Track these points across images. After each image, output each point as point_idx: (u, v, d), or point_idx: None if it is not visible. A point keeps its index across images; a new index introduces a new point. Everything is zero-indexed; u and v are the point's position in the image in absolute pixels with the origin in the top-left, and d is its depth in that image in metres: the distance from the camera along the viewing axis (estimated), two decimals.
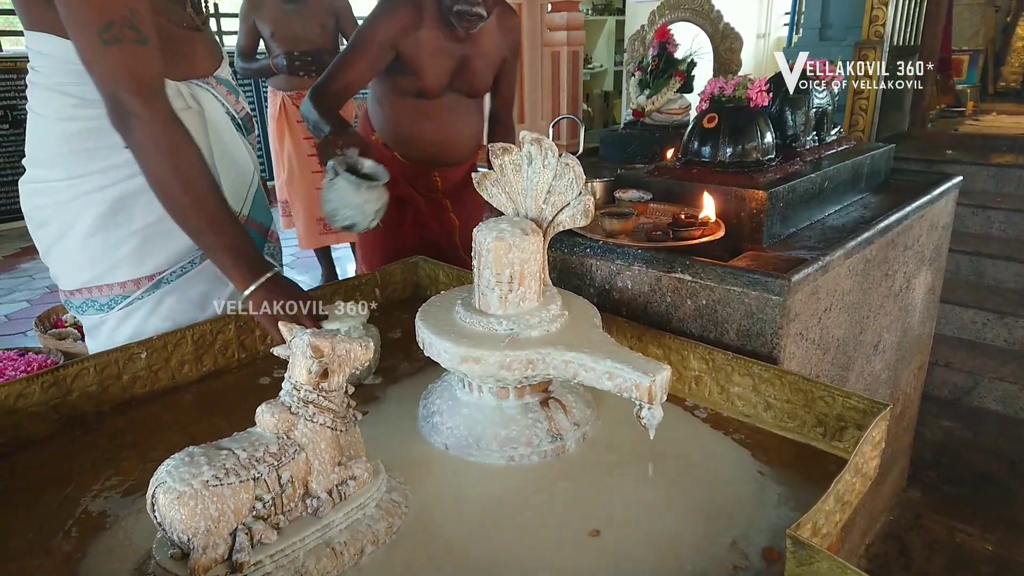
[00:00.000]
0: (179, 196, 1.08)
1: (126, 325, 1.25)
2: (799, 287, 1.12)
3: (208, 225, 1.09)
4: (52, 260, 1.25)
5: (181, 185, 1.07)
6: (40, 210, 1.22)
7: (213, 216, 1.09)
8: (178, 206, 1.09)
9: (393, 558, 0.80)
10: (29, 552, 0.80)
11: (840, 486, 0.80)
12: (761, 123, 1.42)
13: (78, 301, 1.25)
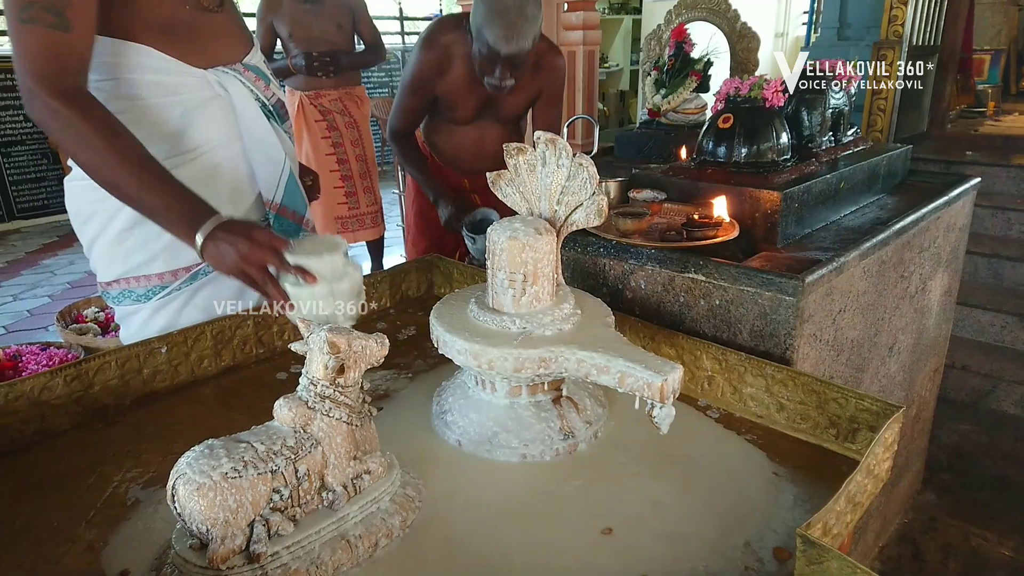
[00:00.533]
0: (93, 170, 1.08)
1: (160, 316, 1.28)
2: (813, 288, 1.12)
3: (136, 192, 1.07)
4: (94, 253, 1.28)
5: (91, 160, 1.07)
6: (83, 206, 1.25)
7: (137, 183, 1.06)
8: (97, 178, 1.08)
9: (406, 552, 0.81)
10: (53, 539, 0.82)
11: (851, 487, 0.80)
12: (777, 123, 1.42)
13: (115, 291, 1.28)
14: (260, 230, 1.04)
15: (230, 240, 1.02)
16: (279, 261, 1.01)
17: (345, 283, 1.02)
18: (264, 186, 1.35)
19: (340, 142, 3.32)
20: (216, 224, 1.05)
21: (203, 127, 1.25)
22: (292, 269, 1.00)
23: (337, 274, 1.02)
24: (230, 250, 1.02)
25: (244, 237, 1.02)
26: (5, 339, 3.59)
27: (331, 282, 1.01)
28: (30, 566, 0.78)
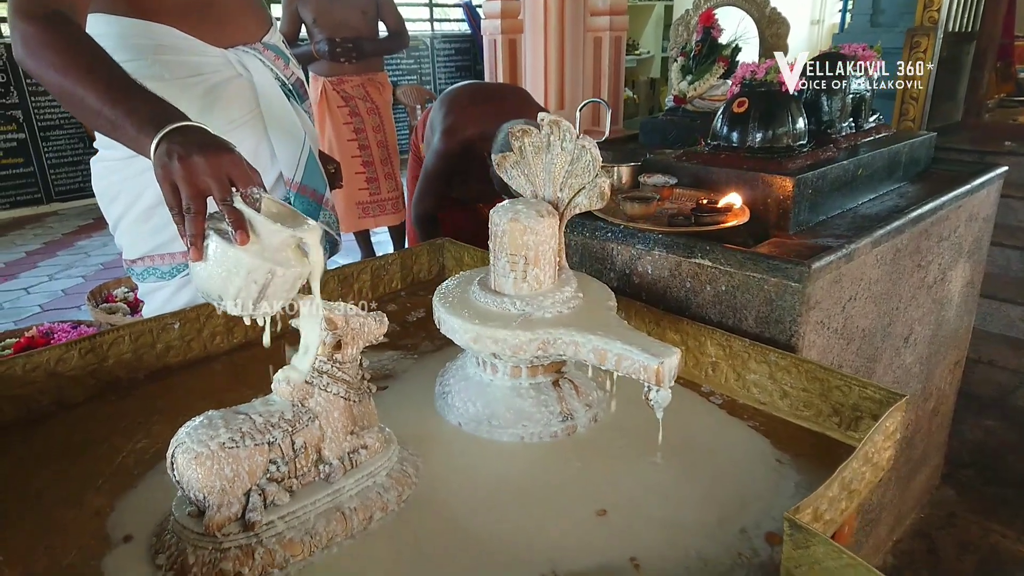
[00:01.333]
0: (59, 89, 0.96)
1: (184, 293, 1.32)
2: (820, 274, 1.11)
3: (100, 104, 0.92)
4: (119, 231, 1.32)
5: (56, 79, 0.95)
6: (109, 186, 1.29)
7: (101, 94, 0.92)
8: (64, 97, 0.97)
9: (401, 526, 0.83)
10: (64, 504, 0.86)
11: (846, 474, 0.79)
12: (793, 108, 1.40)
13: (140, 268, 1.32)
14: (228, 151, 0.82)
15: (184, 145, 0.81)
16: (221, 193, 0.78)
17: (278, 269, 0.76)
18: (284, 164, 1.37)
19: (362, 128, 3.35)
20: (179, 127, 0.86)
21: (225, 106, 1.28)
22: (233, 212, 0.77)
23: (275, 254, 0.77)
24: (177, 154, 0.80)
25: (202, 148, 0.81)
26: (40, 317, 3.71)
27: (260, 258, 0.75)
28: (43, 529, 0.82)
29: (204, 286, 0.78)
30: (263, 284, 0.75)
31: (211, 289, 0.77)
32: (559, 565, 0.77)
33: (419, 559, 0.78)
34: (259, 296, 0.76)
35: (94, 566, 0.76)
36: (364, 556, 0.78)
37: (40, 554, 0.78)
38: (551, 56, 4.24)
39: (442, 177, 2.05)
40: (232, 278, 0.75)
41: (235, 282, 0.75)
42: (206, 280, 0.77)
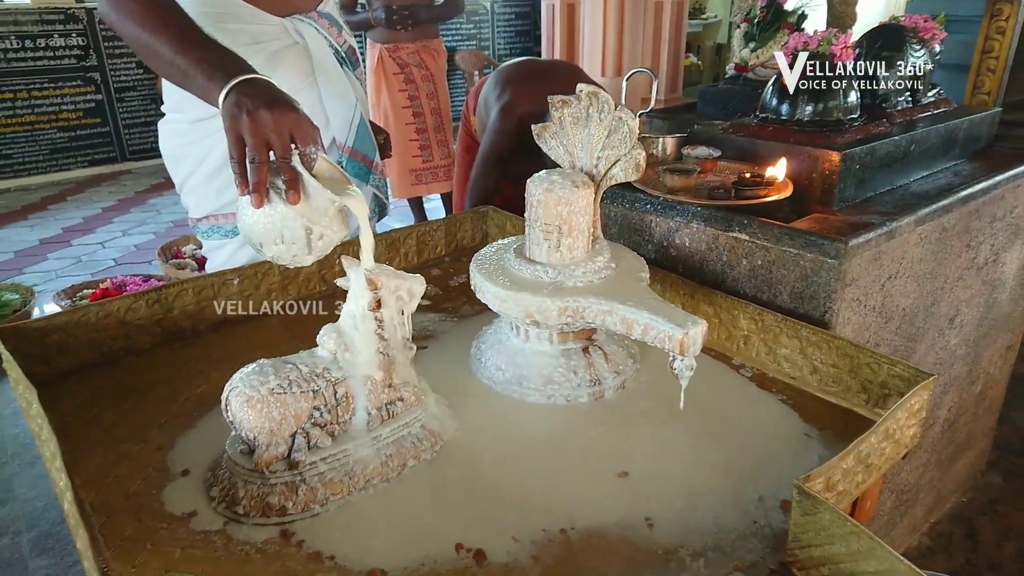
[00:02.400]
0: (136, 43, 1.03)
1: (244, 250, 1.40)
2: (857, 251, 1.10)
3: (173, 55, 0.98)
4: (185, 191, 1.41)
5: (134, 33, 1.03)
6: (176, 148, 1.38)
7: (174, 46, 0.99)
8: (140, 51, 1.04)
9: (432, 474, 0.89)
10: (131, 439, 0.95)
11: (863, 447, 0.81)
12: (845, 81, 1.37)
13: (204, 227, 1.41)
14: (293, 109, 0.87)
15: (253, 98, 0.86)
16: (283, 151, 0.84)
17: (315, 228, 0.84)
18: (337, 130, 1.43)
19: (416, 95, 3.39)
20: (249, 79, 0.90)
21: (284, 74, 1.34)
22: (290, 171, 0.83)
23: (323, 216, 0.85)
24: (246, 107, 0.85)
25: (269, 103, 0.85)
26: (114, 270, 3.94)
27: (306, 218, 0.83)
28: (112, 460, 0.91)
29: (248, 231, 0.87)
30: (302, 240, 0.84)
31: (253, 235, 0.86)
32: (577, 520, 0.81)
33: (447, 504, 0.84)
34: (296, 250, 0.85)
35: (155, 495, 0.85)
36: (397, 499, 0.85)
37: (110, 481, 0.87)
38: (610, 21, 4.17)
39: (500, 158, 2.05)
40: (275, 230, 0.84)
41: (277, 234, 0.84)
42: (251, 226, 0.85)
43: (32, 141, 5.69)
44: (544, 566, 0.75)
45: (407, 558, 0.75)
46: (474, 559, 0.75)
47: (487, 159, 2.06)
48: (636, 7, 4.31)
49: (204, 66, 0.95)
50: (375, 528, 0.80)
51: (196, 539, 0.78)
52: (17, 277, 3.81)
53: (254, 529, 0.80)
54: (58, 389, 1.05)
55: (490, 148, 2.06)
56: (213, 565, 0.75)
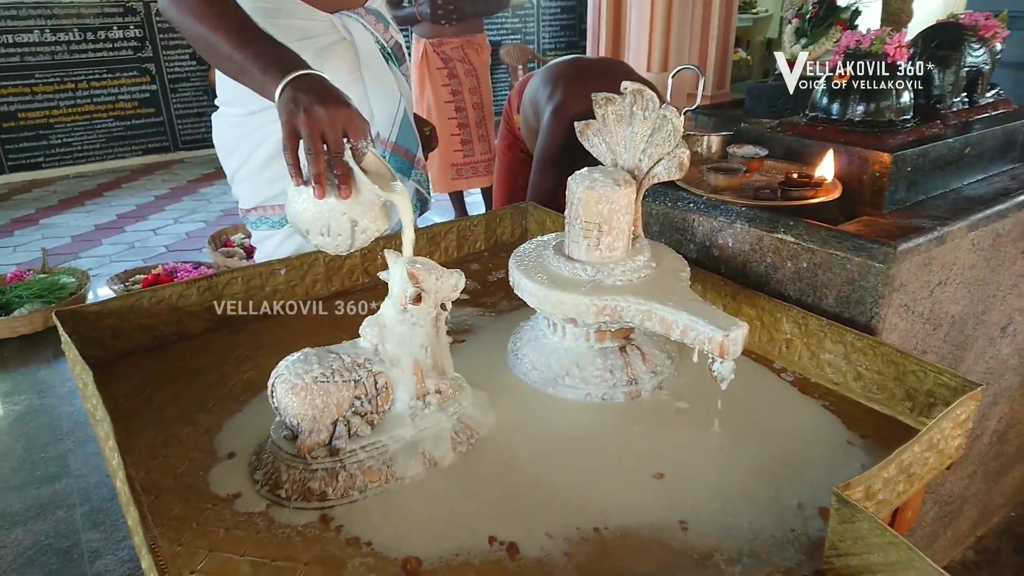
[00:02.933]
0: (195, 38, 1.07)
1: (291, 241, 1.44)
2: (906, 256, 1.08)
3: (231, 50, 1.03)
4: (236, 182, 1.46)
5: (195, 29, 1.07)
6: (228, 140, 1.42)
7: (232, 40, 1.03)
8: (199, 45, 1.08)
9: (467, 466, 0.90)
10: (180, 421, 0.99)
11: (905, 456, 0.79)
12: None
13: (254, 217, 1.45)
14: (346, 105, 0.91)
15: (308, 93, 0.90)
16: (336, 146, 0.88)
17: (360, 221, 0.89)
18: (381, 124, 1.45)
19: (459, 90, 3.41)
20: (304, 75, 0.95)
21: (331, 70, 1.36)
22: (343, 166, 0.87)
23: (368, 211, 0.89)
24: (303, 102, 0.89)
25: (324, 99, 0.90)
26: (165, 256, 4.06)
27: (352, 211, 0.87)
28: (161, 441, 0.95)
29: (295, 220, 0.91)
30: (347, 232, 0.90)
31: (300, 224, 0.91)
32: (611, 519, 0.81)
33: (480, 497, 0.85)
34: (340, 240, 0.91)
35: (202, 476, 0.88)
36: (432, 490, 0.86)
37: (158, 462, 0.91)
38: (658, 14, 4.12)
39: (555, 160, 2.02)
40: (322, 220, 0.88)
41: (324, 224, 0.89)
42: (300, 213, 0.90)
43: (90, 130, 5.90)
44: (576, 563, 0.75)
45: (441, 548, 0.77)
46: (507, 552, 0.76)
47: (542, 162, 2.04)
48: (684, 1, 4.25)
49: (261, 61, 0.99)
50: (411, 517, 0.82)
51: (240, 520, 0.81)
52: (73, 261, 3.96)
53: (295, 513, 0.82)
54: (112, 371, 1.10)
55: (544, 151, 2.03)
56: (255, 546, 0.77)
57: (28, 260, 3.95)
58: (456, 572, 0.74)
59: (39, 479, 2.16)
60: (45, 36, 5.56)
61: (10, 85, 5.52)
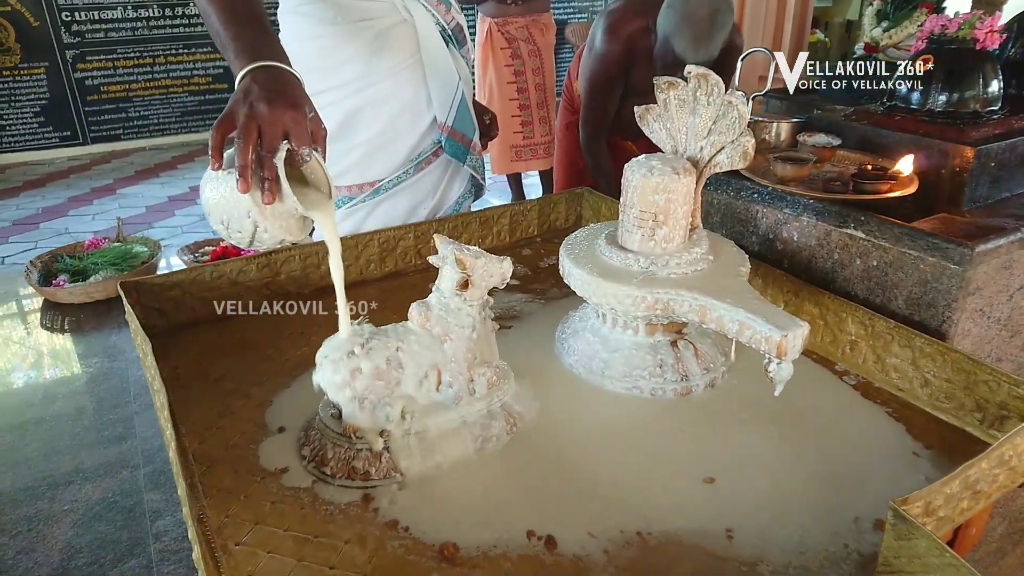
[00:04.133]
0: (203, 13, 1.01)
1: (347, 223, 1.46)
2: (984, 258, 1.01)
3: (219, 25, 0.97)
4: None
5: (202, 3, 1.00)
6: None
7: (223, 15, 0.97)
8: (203, 13, 1.01)
9: (509, 454, 0.90)
10: (235, 393, 1.01)
11: (972, 472, 0.75)
12: (987, 69, 1.25)
13: None
14: (295, 108, 0.85)
15: (263, 89, 0.85)
16: (269, 146, 0.81)
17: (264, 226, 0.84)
18: (438, 109, 1.45)
19: (522, 70, 3.38)
20: (268, 66, 0.89)
21: (391, 51, 1.37)
22: (271, 169, 0.81)
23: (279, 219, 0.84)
24: (252, 96, 0.84)
25: (273, 97, 0.84)
26: None
27: (259, 215, 0.82)
28: (217, 412, 0.98)
29: (204, 198, 0.87)
30: (248, 231, 0.85)
31: (206, 203, 0.87)
32: (654, 524, 0.78)
33: (520, 487, 0.84)
34: (237, 237, 0.86)
35: (252, 449, 0.90)
36: (473, 476, 0.86)
37: (212, 432, 0.93)
38: None
39: (607, 85, 1.89)
40: (226, 210, 0.84)
41: (225, 215, 0.84)
42: (208, 197, 0.86)
43: (166, 104, 6.12)
44: (616, 566, 0.74)
45: (479, 536, 0.77)
46: (544, 546, 0.76)
47: (593, 87, 1.92)
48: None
49: (236, 43, 0.94)
50: (450, 503, 0.82)
51: (286, 495, 0.83)
52: (147, 231, 4.13)
53: (339, 491, 0.83)
54: (173, 341, 1.14)
55: (594, 73, 1.91)
56: (299, 521, 0.79)
57: (105, 228, 4.14)
58: (492, 562, 0.74)
59: (107, 439, 2.28)
60: (127, 12, 5.78)
61: (94, 60, 5.78)
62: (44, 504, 1.99)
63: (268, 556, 0.74)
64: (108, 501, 2.00)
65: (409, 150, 1.44)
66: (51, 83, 5.68)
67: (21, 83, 5.60)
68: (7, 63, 5.50)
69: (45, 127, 5.77)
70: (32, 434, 2.31)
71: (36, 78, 5.64)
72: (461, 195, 1.56)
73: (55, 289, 3.12)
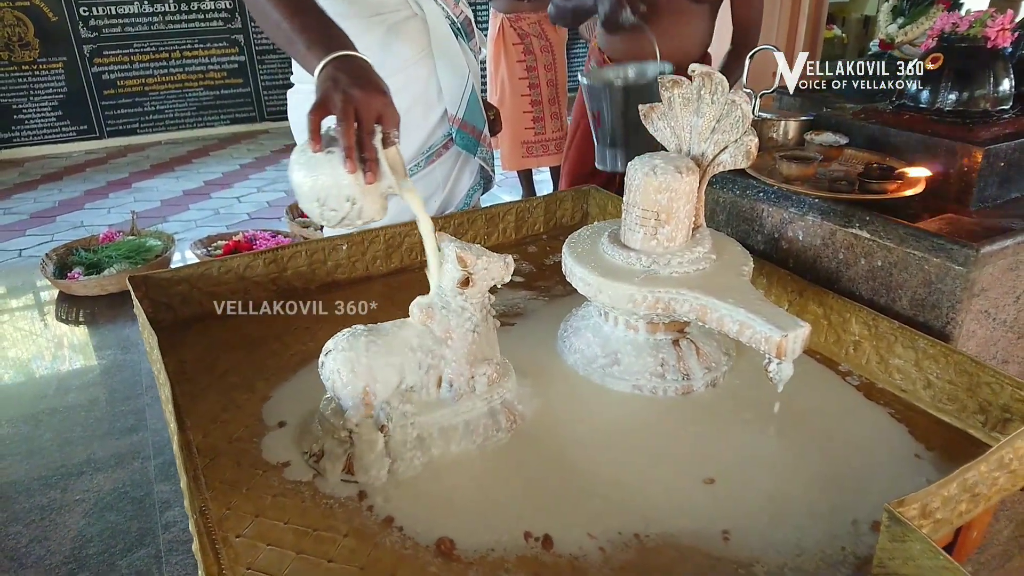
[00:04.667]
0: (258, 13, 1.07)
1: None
2: (990, 259, 1.00)
3: (281, 21, 1.02)
4: None
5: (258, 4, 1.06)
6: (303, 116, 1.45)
7: (284, 11, 1.02)
8: (262, 21, 1.07)
9: (509, 451, 0.90)
10: (240, 387, 1.03)
11: (970, 475, 0.74)
12: (998, 67, 1.23)
13: None
14: (383, 92, 0.92)
15: (347, 75, 0.92)
16: (369, 128, 0.88)
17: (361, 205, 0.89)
18: (449, 101, 1.46)
19: (534, 66, 3.38)
20: (347, 56, 0.96)
21: (403, 45, 1.37)
22: (372, 151, 0.87)
23: (375, 198, 0.90)
24: (343, 83, 0.90)
25: (362, 84, 0.91)
26: (247, 224, 4.23)
27: (357, 193, 0.87)
28: (221, 406, 0.99)
29: (300, 185, 0.89)
30: (343, 209, 0.88)
31: (304, 189, 0.89)
32: (651, 525, 0.79)
33: (519, 483, 0.85)
34: (330, 215, 0.89)
35: (255, 443, 0.91)
36: (472, 471, 0.87)
37: (216, 426, 0.95)
38: None
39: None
40: (324, 189, 0.87)
41: (323, 193, 0.88)
42: (303, 180, 0.88)
43: (182, 98, 6.18)
44: (612, 566, 0.74)
45: (475, 533, 0.77)
46: (541, 545, 0.76)
47: None
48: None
49: (307, 34, 0.99)
50: (448, 499, 0.82)
51: (287, 488, 0.84)
52: (161, 224, 4.18)
53: (339, 485, 0.84)
54: (181, 335, 1.15)
55: None
56: (299, 515, 0.80)
57: (120, 221, 4.19)
58: (488, 560, 0.75)
59: (119, 430, 2.32)
60: (144, 7, 5.83)
61: (111, 55, 5.84)
62: (57, 494, 2.02)
63: (268, 548, 0.76)
64: (119, 492, 2.04)
65: (420, 143, 1.44)
66: (68, 77, 5.76)
67: (39, 77, 5.68)
68: (26, 58, 5.58)
69: (62, 121, 5.85)
70: (46, 424, 2.36)
71: (54, 72, 5.72)
72: (471, 187, 1.57)
73: (70, 282, 3.17)
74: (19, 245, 3.99)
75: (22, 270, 3.65)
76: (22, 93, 5.66)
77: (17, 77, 5.60)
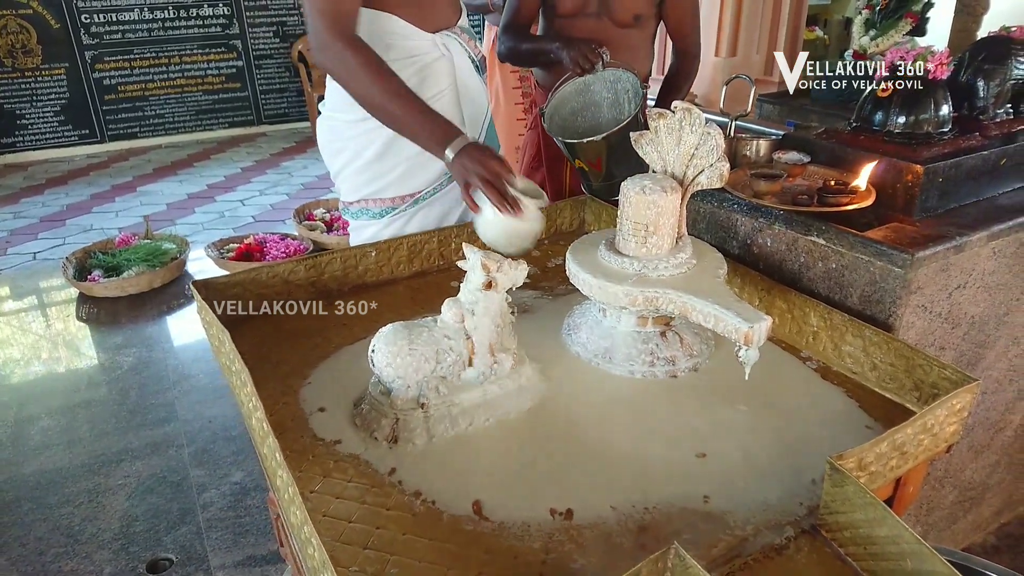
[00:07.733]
0: (366, 99, 1.37)
1: (388, 230, 1.65)
2: (924, 263, 1.20)
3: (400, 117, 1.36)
4: (340, 179, 1.67)
5: (369, 93, 1.36)
6: (335, 142, 1.63)
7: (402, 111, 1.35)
8: (368, 104, 1.38)
9: (524, 426, 1.09)
10: (292, 375, 1.21)
11: (898, 436, 0.92)
12: (938, 95, 1.43)
13: (355, 209, 1.67)
14: (498, 157, 1.29)
15: (477, 157, 1.28)
16: (506, 184, 1.27)
17: (528, 227, 1.28)
18: (470, 129, 1.64)
19: (527, 75, 3.54)
20: (465, 143, 1.31)
21: (432, 82, 1.56)
22: (512, 197, 1.26)
23: (530, 218, 1.27)
24: (475, 163, 1.27)
25: (486, 157, 1.28)
26: (253, 227, 4.37)
27: (523, 222, 1.26)
28: (280, 391, 1.17)
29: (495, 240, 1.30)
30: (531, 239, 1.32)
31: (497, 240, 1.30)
32: (648, 496, 0.95)
33: (533, 453, 1.03)
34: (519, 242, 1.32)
35: (313, 420, 1.10)
36: (496, 441, 1.05)
37: (279, 407, 1.13)
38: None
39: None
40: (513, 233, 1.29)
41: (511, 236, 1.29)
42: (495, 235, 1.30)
43: (181, 103, 6.32)
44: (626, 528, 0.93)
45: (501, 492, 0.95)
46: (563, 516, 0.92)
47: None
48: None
49: (428, 130, 1.35)
50: (477, 464, 1.01)
51: (344, 457, 1.02)
52: (171, 228, 4.32)
53: (387, 453, 1.03)
54: (236, 332, 1.32)
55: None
56: (357, 475, 0.98)
57: (129, 224, 4.33)
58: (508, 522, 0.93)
59: (151, 422, 2.49)
60: (144, 14, 5.97)
61: (112, 60, 5.97)
62: (100, 479, 2.20)
63: (336, 500, 0.94)
64: (157, 476, 2.21)
65: (444, 166, 1.62)
66: (71, 83, 5.89)
67: (42, 83, 5.80)
68: (29, 64, 5.70)
69: (65, 125, 5.98)
70: (82, 417, 2.52)
71: (56, 78, 5.84)
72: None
73: (91, 284, 3.33)
74: (32, 248, 4.12)
75: (40, 272, 3.79)
76: (25, 98, 5.78)
77: (20, 83, 5.73)
